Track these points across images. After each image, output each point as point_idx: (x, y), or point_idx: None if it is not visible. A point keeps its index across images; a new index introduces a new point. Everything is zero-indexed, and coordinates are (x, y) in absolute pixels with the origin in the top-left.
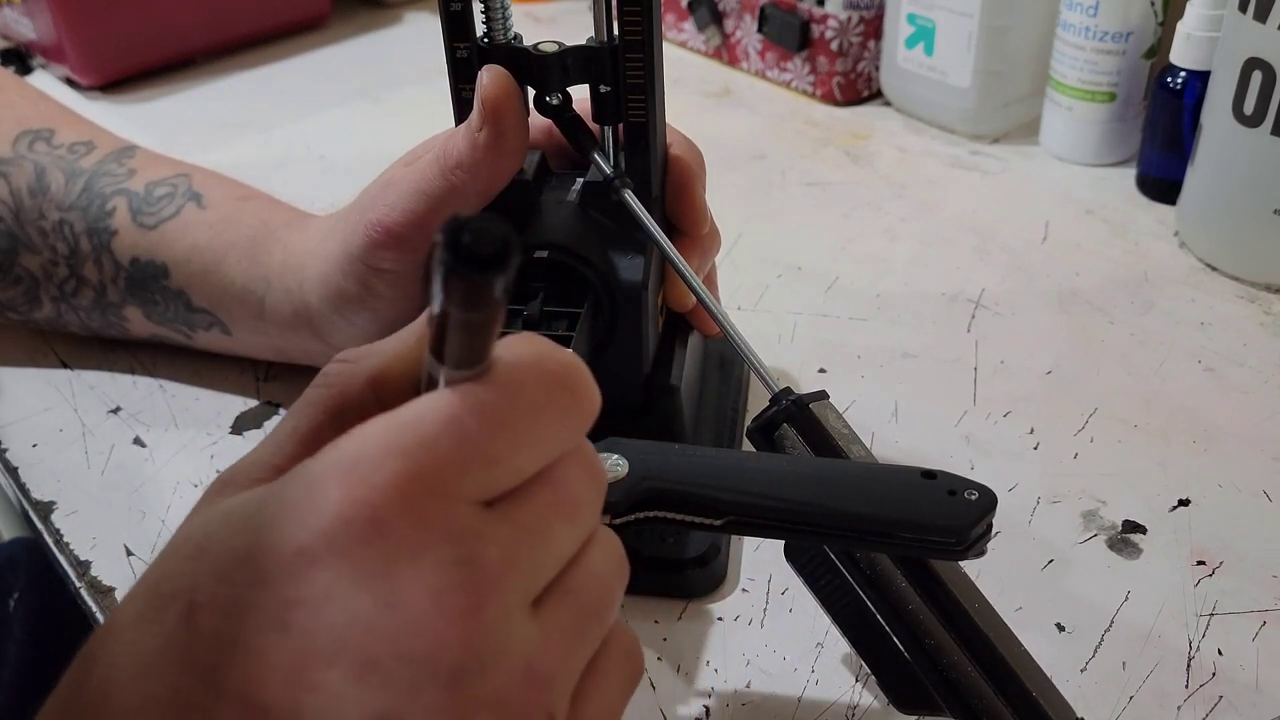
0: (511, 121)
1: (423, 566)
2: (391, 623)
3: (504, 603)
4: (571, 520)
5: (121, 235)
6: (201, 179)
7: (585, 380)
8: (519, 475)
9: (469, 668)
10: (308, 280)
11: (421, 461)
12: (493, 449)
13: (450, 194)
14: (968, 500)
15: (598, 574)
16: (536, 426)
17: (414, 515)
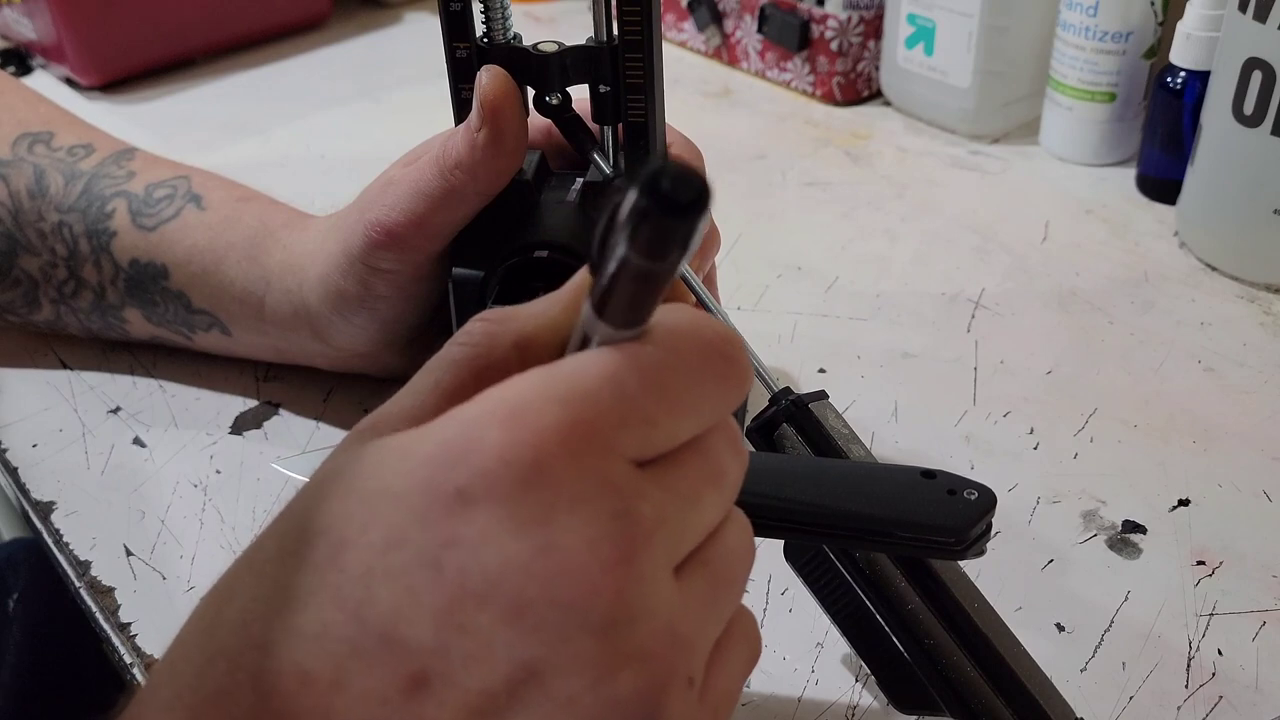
0: (510, 122)
1: (581, 515)
2: (547, 568)
3: (653, 561)
4: (719, 490)
5: (121, 237)
6: (201, 180)
7: (741, 352)
8: (673, 439)
9: (619, 619)
10: (307, 280)
11: (583, 412)
12: (651, 409)
13: (449, 194)
14: (967, 500)
15: (734, 549)
16: (693, 393)
17: (574, 463)
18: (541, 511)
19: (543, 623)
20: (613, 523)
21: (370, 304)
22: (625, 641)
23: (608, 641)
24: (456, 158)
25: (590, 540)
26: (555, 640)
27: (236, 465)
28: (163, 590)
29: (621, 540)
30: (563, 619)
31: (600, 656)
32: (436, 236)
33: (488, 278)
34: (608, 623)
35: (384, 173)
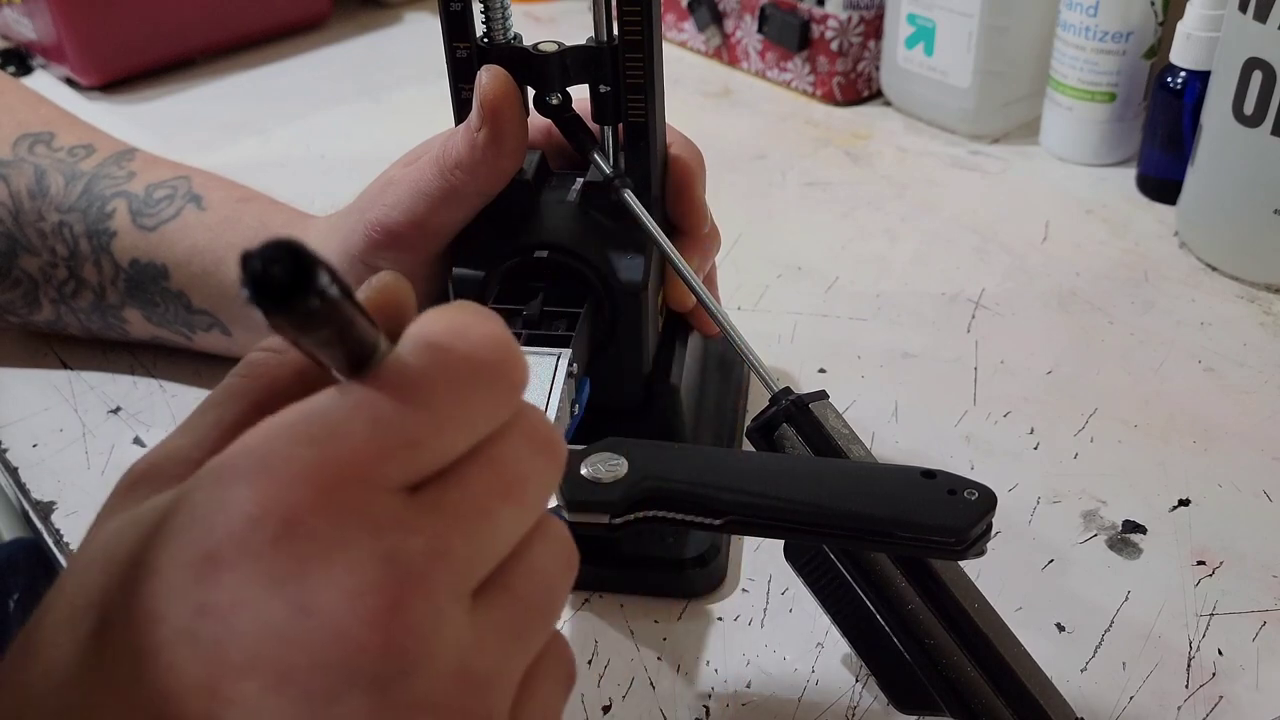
0: (510, 122)
1: (338, 565)
2: (305, 628)
3: (433, 599)
4: (514, 500)
5: (121, 237)
6: (201, 181)
7: (510, 353)
8: (446, 456)
9: (392, 672)
10: None
11: (333, 450)
12: (411, 430)
13: (449, 194)
14: (967, 500)
15: (543, 569)
16: (459, 403)
17: (328, 509)
18: (295, 567)
19: (309, 687)
20: (376, 567)
21: None
22: (404, 694)
23: (385, 697)
24: (456, 158)
25: (350, 591)
26: (324, 703)
27: None
28: None
29: (387, 586)
30: (329, 681)
31: (377, 713)
32: (436, 236)
33: (488, 278)
34: (379, 678)
35: (384, 173)
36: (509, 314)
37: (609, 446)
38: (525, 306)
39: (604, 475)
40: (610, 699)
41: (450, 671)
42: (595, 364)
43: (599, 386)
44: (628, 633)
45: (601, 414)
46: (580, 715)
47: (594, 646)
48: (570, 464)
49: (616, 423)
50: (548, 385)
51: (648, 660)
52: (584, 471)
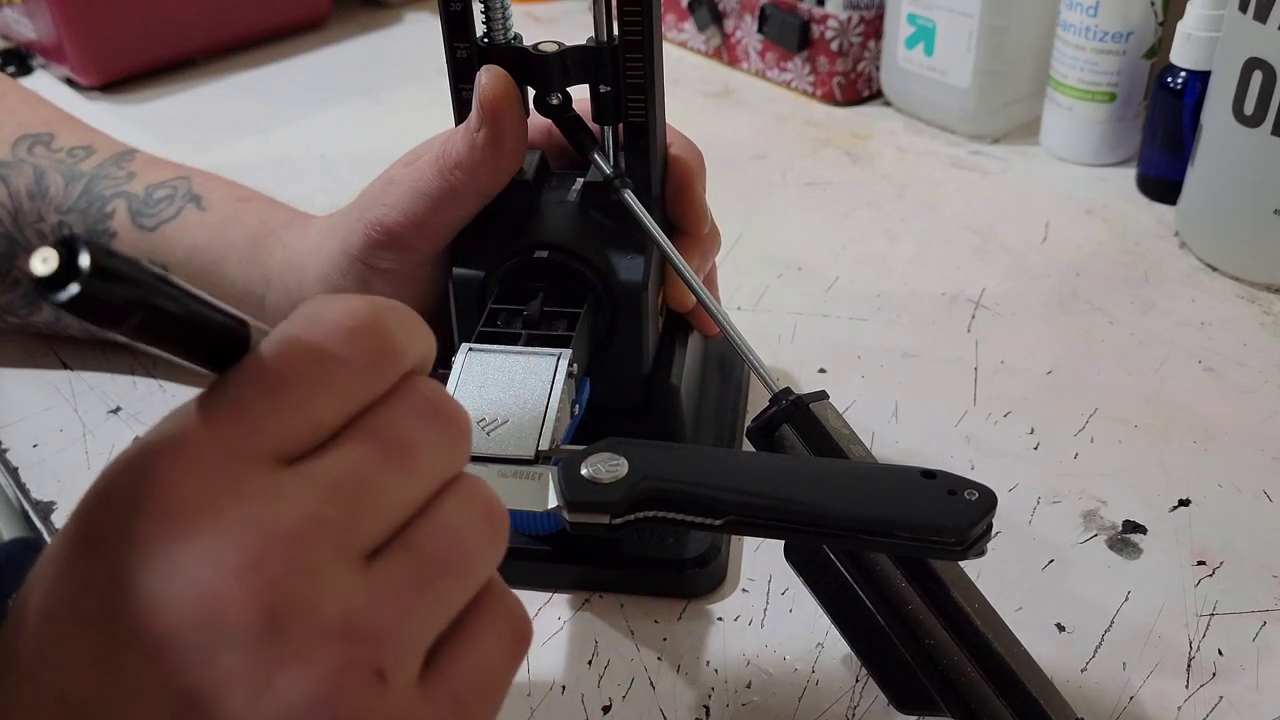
0: (510, 122)
1: (203, 531)
2: (172, 593)
3: (303, 558)
4: (400, 465)
5: (121, 237)
6: (201, 181)
7: (381, 319)
8: (318, 426)
9: (260, 629)
10: (307, 280)
11: (195, 424)
12: (279, 403)
13: (449, 194)
14: (967, 500)
15: (450, 525)
16: (327, 373)
17: (194, 480)
18: (163, 536)
19: (185, 649)
20: (240, 530)
21: None
22: (277, 649)
23: (256, 652)
24: (456, 158)
25: (213, 554)
26: (201, 664)
27: None
28: None
29: (249, 545)
30: (202, 641)
31: (252, 669)
32: (436, 236)
33: (488, 278)
34: (250, 636)
35: (384, 172)
36: (509, 314)
37: (609, 447)
38: (525, 306)
39: (604, 475)
40: (610, 699)
41: (330, 627)
42: (595, 364)
43: (599, 387)
44: (628, 633)
45: (601, 414)
46: (580, 715)
47: (594, 646)
48: (571, 465)
49: (616, 423)
50: (548, 385)
51: (648, 660)
52: (584, 472)
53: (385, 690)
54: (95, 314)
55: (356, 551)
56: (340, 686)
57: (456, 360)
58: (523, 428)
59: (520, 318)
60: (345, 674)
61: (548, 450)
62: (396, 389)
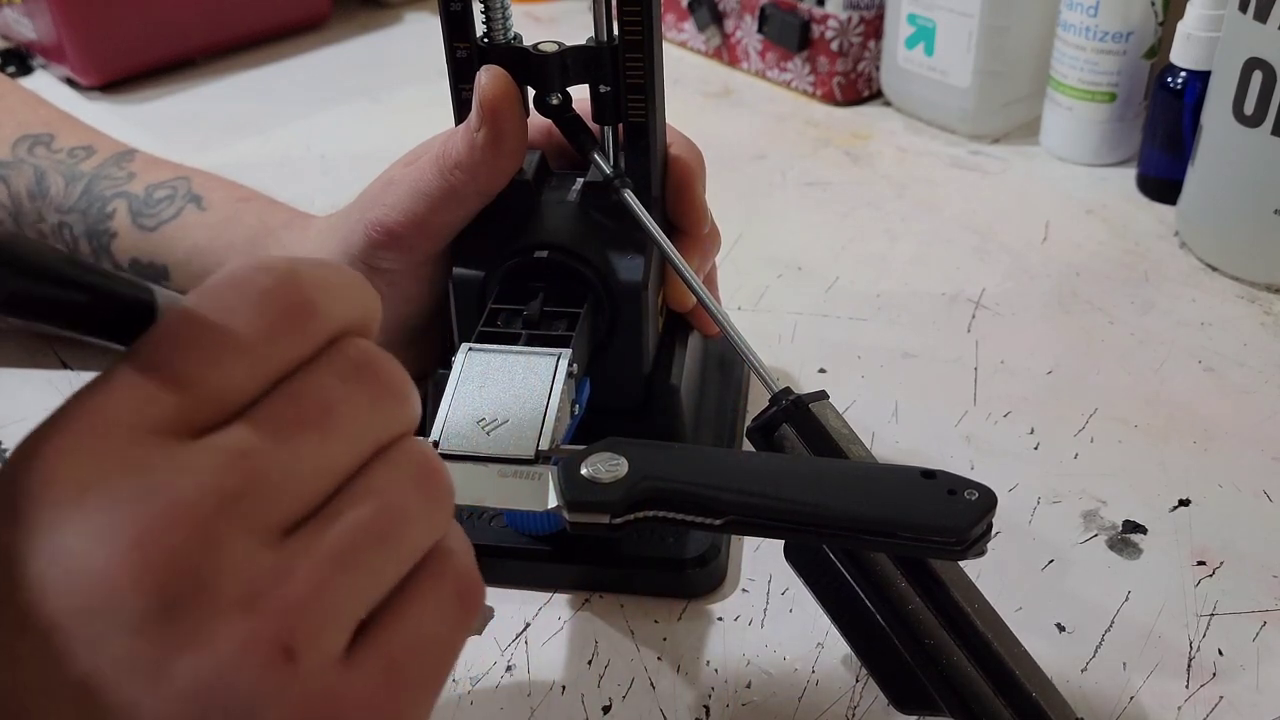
0: (510, 122)
1: (89, 508)
2: (61, 574)
3: (204, 532)
4: (320, 432)
5: (121, 237)
6: (201, 181)
7: (296, 279)
8: (226, 394)
9: (152, 606)
10: None
11: (89, 401)
12: (178, 371)
13: (449, 194)
14: (967, 500)
15: (380, 489)
16: (234, 338)
17: (81, 457)
18: (52, 516)
19: (75, 635)
20: (131, 505)
21: None
22: (171, 628)
23: (149, 634)
24: (456, 158)
25: (99, 529)
26: (93, 650)
27: None
28: None
29: (140, 521)
30: (92, 626)
31: (145, 652)
32: (437, 236)
33: (488, 278)
34: (145, 615)
35: (384, 172)
36: (509, 314)
37: (609, 447)
38: (525, 306)
39: (604, 475)
40: (610, 699)
41: (229, 603)
42: (595, 364)
43: (599, 386)
44: (628, 633)
45: (601, 414)
46: (580, 715)
47: (594, 647)
48: (571, 465)
49: (616, 423)
50: (548, 385)
51: (648, 660)
52: (584, 472)
53: (294, 669)
54: None
55: (266, 524)
56: (241, 666)
57: (456, 360)
58: (523, 427)
59: (520, 318)
60: (246, 653)
61: (548, 450)
62: (320, 353)
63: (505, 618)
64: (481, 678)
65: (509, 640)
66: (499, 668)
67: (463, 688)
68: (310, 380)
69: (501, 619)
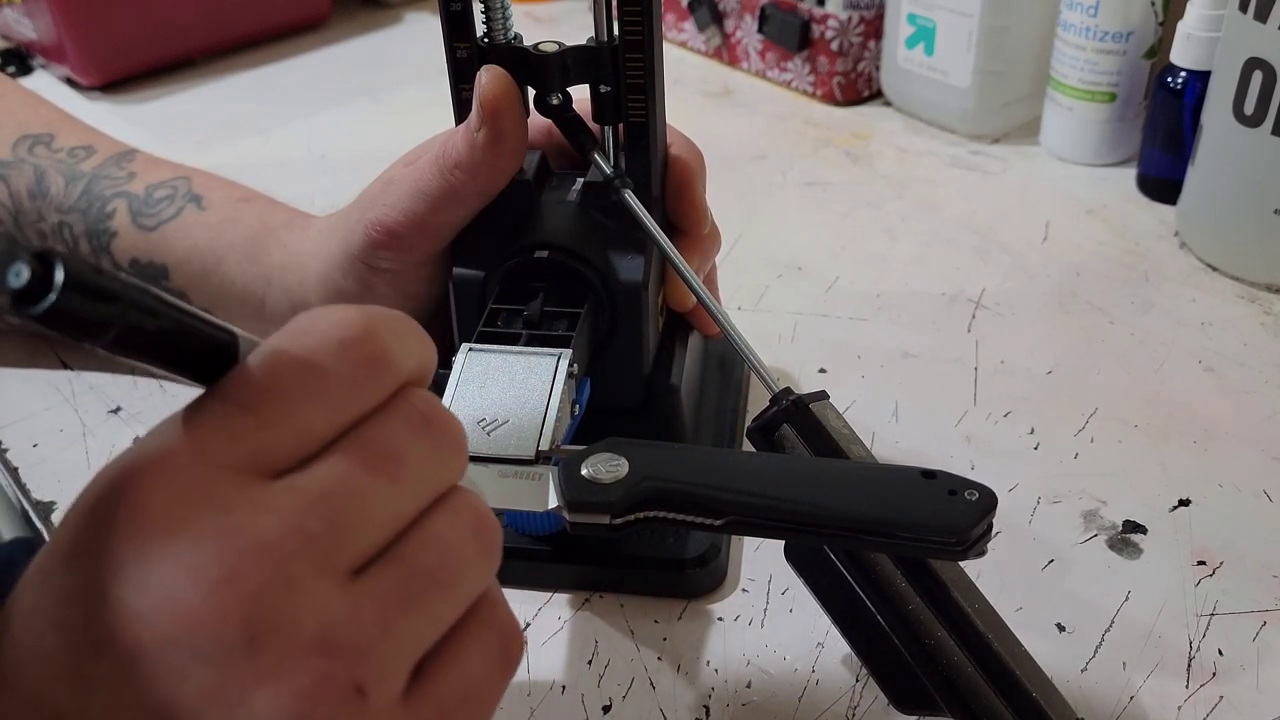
0: (510, 122)
1: (178, 542)
2: (146, 604)
3: (283, 571)
4: (390, 478)
5: (121, 237)
6: (201, 181)
7: (374, 330)
8: (305, 439)
9: (235, 642)
10: (308, 280)
11: (178, 439)
12: (263, 416)
13: (449, 194)
14: (968, 500)
15: (441, 537)
16: (315, 385)
17: (173, 492)
18: (139, 547)
19: (159, 663)
20: (217, 543)
21: (370, 304)
22: (252, 664)
23: (231, 667)
24: (456, 158)
25: (188, 566)
26: (175, 679)
27: None
28: None
29: (226, 559)
30: (174, 655)
31: (226, 684)
32: (437, 236)
33: (488, 278)
34: (224, 649)
35: (384, 172)
36: (509, 314)
37: (609, 447)
38: (525, 307)
39: (604, 476)
40: (610, 699)
41: (308, 641)
42: (595, 364)
43: (599, 387)
44: (628, 632)
45: (601, 414)
46: (580, 715)
47: (594, 646)
48: (571, 465)
49: (616, 423)
50: (548, 385)
51: (648, 660)
52: (584, 472)
53: (365, 706)
54: (71, 328)
55: (340, 565)
56: (317, 702)
57: (457, 360)
58: (523, 428)
59: (520, 318)
60: (322, 689)
61: (548, 450)
62: (389, 401)
63: None
64: None
65: None
66: None
67: None
68: (382, 428)
69: None
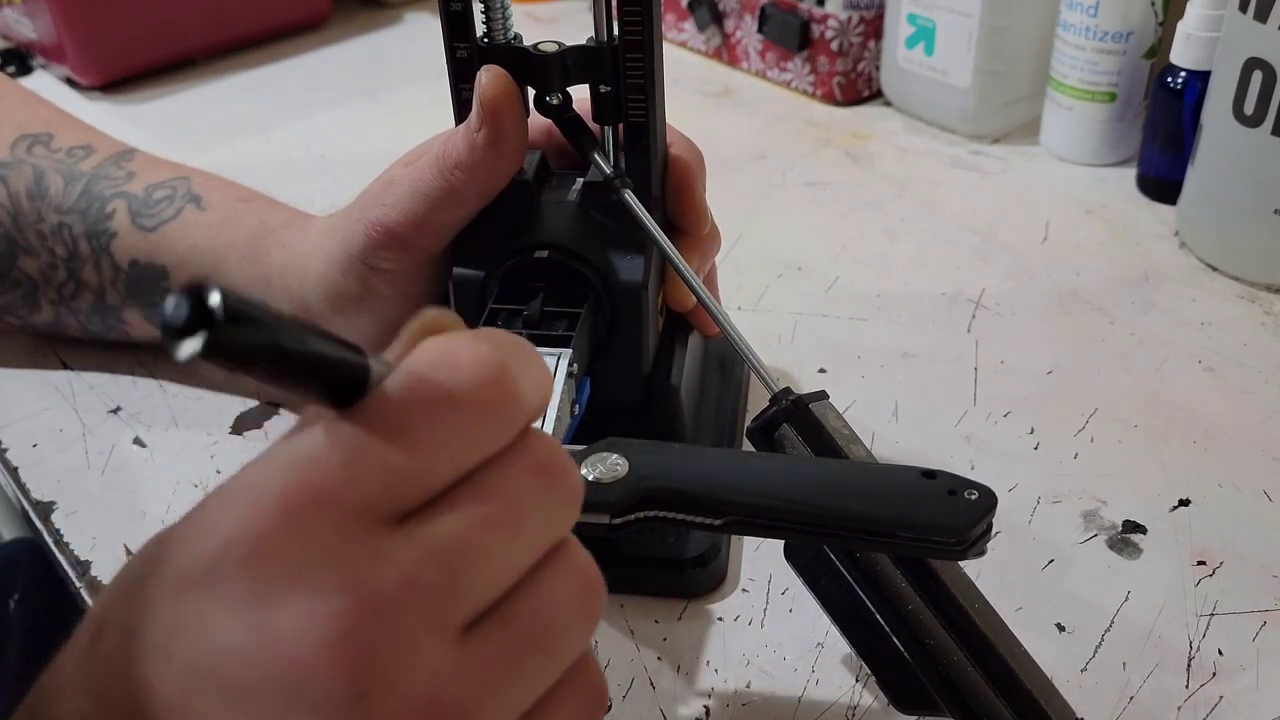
0: (510, 122)
1: (301, 589)
2: (260, 648)
3: (399, 627)
4: (510, 533)
5: (121, 238)
6: (201, 181)
7: (497, 379)
8: (430, 487)
9: (344, 698)
10: (308, 279)
11: (305, 477)
12: (387, 462)
13: (449, 194)
14: (968, 500)
15: (550, 599)
16: (439, 433)
17: (297, 535)
18: (259, 589)
19: (263, 707)
20: (338, 594)
21: (370, 303)
22: (358, 717)
23: (335, 718)
24: (456, 158)
25: (308, 615)
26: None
27: (237, 465)
28: None
29: (345, 612)
30: (280, 702)
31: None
32: (436, 236)
33: (488, 278)
34: (331, 699)
35: (384, 172)
36: (509, 314)
37: (609, 447)
38: (525, 306)
39: (604, 475)
40: (610, 699)
41: (417, 698)
42: (595, 364)
43: (599, 387)
44: (628, 632)
45: (601, 414)
46: None
47: (594, 647)
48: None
49: (616, 422)
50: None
51: (648, 660)
52: (584, 472)
53: None
54: (227, 359)
55: (453, 621)
56: None
57: None
58: None
59: (520, 318)
60: None
61: None
62: (513, 445)
63: None
64: None
65: None
66: None
67: None
68: (505, 478)
69: None
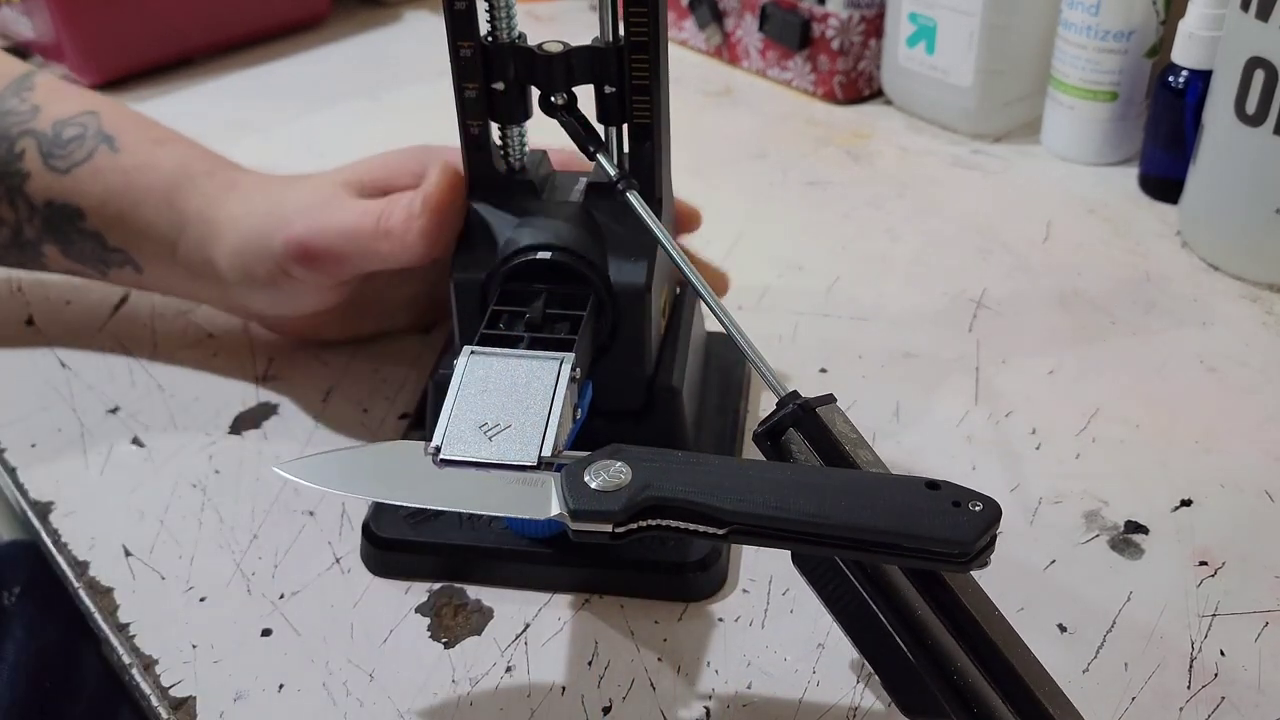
0: (448, 218)
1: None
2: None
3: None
4: None
5: (34, 179)
6: (111, 118)
7: None
8: None
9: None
10: (220, 244)
11: None
12: None
13: (373, 253)
14: (972, 512)
15: None
16: None
17: None
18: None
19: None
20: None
21: (279, 288)
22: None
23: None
24: (389, 227)
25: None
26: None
27: (235, 465)
28: (161, 590)
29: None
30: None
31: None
32: (354, 273)
33: (489, 278)
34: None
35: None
36: (511, 316)
37: (612, 454)
38: (528, 309)
39: (607, 484)
40: (610, 700)
41: None
42: (597, 366)
43: (600, 389)
44: (628, 634)
45: (602, 416)
46: (580, 716)
47: (594, 647)
48: (574, 473)
49: (617, 425)
50: (550, 389)
51: (648, 661)
52: (587, 480)
53: None
54: None
55: None
56: None
57: (458, 363)
58: (525, 433)
59: (522, 320)
60: None
61: (550, 456)
62: None
63: (505, 619)
64: (481, 678)
65: (509, 641)
66: (499, 668)
67: (463, 688)
68: None
69: (502, 620)
